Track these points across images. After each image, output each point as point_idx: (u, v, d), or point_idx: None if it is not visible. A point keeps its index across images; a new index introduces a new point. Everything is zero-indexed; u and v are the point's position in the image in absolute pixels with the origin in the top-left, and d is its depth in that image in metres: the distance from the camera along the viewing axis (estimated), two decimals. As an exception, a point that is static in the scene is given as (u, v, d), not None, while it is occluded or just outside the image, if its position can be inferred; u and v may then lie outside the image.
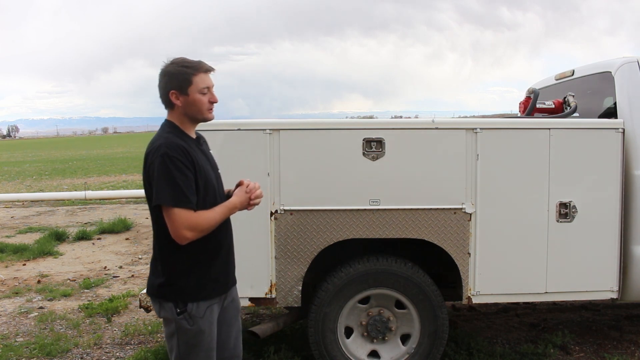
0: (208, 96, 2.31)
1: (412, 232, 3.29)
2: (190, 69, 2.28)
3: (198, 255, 2.30)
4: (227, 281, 2.45)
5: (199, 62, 2.31)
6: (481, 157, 3.27)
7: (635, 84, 3.51)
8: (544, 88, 4.57)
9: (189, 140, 2.32)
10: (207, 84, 2.30)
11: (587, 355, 3.92)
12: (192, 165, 2.22)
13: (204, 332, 2.30)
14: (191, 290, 2.30)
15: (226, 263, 2.43)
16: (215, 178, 2.40)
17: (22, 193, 14.74)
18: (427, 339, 3.36)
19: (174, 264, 2.30)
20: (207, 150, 2.47)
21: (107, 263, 6.96)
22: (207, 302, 2.32)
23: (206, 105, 2.31)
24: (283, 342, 3.88)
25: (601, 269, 3.41)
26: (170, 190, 2.16)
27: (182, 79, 2.26)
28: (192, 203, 2.19)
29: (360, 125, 3.32)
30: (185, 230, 2.17)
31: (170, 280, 2.30)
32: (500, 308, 4.96)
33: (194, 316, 2.28)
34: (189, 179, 2.19)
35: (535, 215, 3.33)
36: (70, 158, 34.11)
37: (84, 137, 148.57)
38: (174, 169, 2.17)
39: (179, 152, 2.19)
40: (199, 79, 2.28)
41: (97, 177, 19.68)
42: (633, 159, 3.38)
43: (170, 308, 2.29)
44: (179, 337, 2.31)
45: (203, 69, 2.30)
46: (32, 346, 4.23)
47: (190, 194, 2.18)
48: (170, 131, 2.30)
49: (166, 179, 2.16)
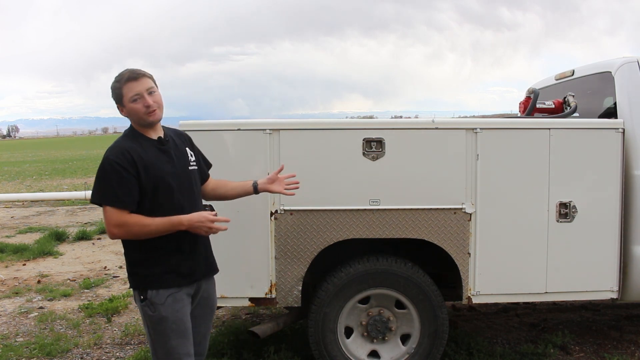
0: (141, 102, 2.36)
1: (412, 232, 3.29)
2: (118, 82, 2.38)
3: (156, 246, 2.37)
4: (193, 273, 2.48)
5: (126, 71, 2.39)
6: (481, 157, 3.27)
7: (635, 84, 3.51)
8: (544, 88, 4.57)
9: (145, 142, 2.41)
10: (135, 92, 2.35)
11: (587, 355, 3.92)
12: (133, 168, 2.30)
13: (166, 318, 2.38)
14: (151, 279, 2.39)
15: (191, 255, 2.47)
16: (180, 176, 2.44)
17: (22, 193, 14.73)
18: (427, 339, 3.36)
19: (135, 254, 2.42)
20: (180, 148, 2.52)
21: (107, 263, 6.96)
22: (168, 290, 2.39)
23: (142, 110, 2.37)
24: (283, 342, 3.88)
25: (601, 269, 3.41)
26: (103, 190, 2.31)
27: (117, 94, 2.39)
28: (123, 202, 2.29)
29: (360, 125, 3.32)
30: (113, 227, 2.30)
31: (134, 269, 2.44)
32: (500, 308, 4.96)
33: (154, 303, 2.37)
34: (124, 180, 2.28)
35: (535, 215, 3.33)
36: (70, 158, 34.11)
37: (84, 137, 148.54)
38: (110, 170, 2.29)
39: (120, 157, 2.30)
40: (126, 89, 2.36)
41: (97, 177, 19.66)
42: (633, 159, 3.38)
43: (136, 295, 2.43)
44: (147, 323, 2.43)
45: (126, 78, 2.36)
46: (32, 346, 4.23)
47: (122, 194, 2.28)
48: (125, 135, 2.45)
49: (100, 179, 2.32)
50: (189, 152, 2.58)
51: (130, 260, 2.45)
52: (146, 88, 2.37)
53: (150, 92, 2.38)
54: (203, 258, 2.55)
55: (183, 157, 2.52)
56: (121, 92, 2.37)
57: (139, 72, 2.39)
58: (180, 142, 2.56)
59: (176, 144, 2.53)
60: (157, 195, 2.37)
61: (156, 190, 2.36)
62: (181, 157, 2.51)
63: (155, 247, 2.38)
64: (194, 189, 2.53)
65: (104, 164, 2.32)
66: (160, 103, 2.43)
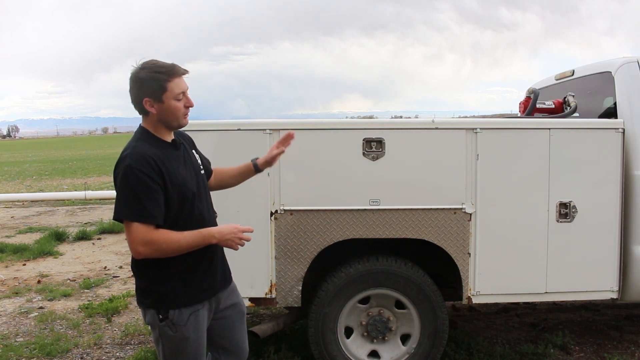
0: (183, 101, 2.16)
1: (412, 232, 3.29)
2: (163, 74, 2.10)
3: (176, 261, 2.16)
4: (213, 285, 2.32)
5: (172, 65, 2.14)
6: (481, 157, 3.27)
7: (635, 84, 3.51)
8: (544, 88, 4.57)
9: (163, 146, 2.19)
10: (182, 89, 2.14)
11: (587, 355, 3.92)
12: (159, 177, 2.08)
13: (188, 338, 2.22)
14: (172, 297, 2.19)
15: (210, 266, 2.30)
16: (196, 181, 2.28)
17: (22, 193, 14.73)
18: (427, 339, 3.36)
19: (153, 270, 2.18)
20: (189, 151, 2.35)
21: (107, 263, 6.96)
22: (190, 308, 2.22)
23: (182, 111, 2.17)
24: (283, 342, 3.88)
25: (601, 269, 3.41)
26: (128, 204, 2.04)
27: (159, 86, 2.10)
28: (153, 217, 2.05)
29: (360, 125, 3.32)
30: (140, 245, 2.05)
31: (150, 286, 2.21)
32: (500, 308, 4.96)
33: (176, 323, 2.19)
34: (152, 192, 2.05)
35: (535, 215, 3.33)
36: (70, 158, 34.11)
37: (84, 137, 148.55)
38: (136, 182, 2.03)
39: (144, 164, 2.05)
40: (174, 84, 2.11)
41: (97, 177, 19.67)
42: (633, 159, 3.38)
43: (152, 314, 2.21)
44: (164, 343, 2.24)
45: (178, 74, 2.14)
46: (32, 346, 4.22)
47: (152, 208, 2.04)
48: (140, 138, 2.17)
49: (126, 192, 2.05)
50: (196, 154, 2.41)
51: (147, 278, 2.21)
52: (187, 87, 2.17)
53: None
54: (220, 269, 2.38)
55: (194, 161, 2.34)
56: (165, 86, 2.10)
57: (185, 69, 2.16)
58: (187, 145, 2.38)
59: (185, 147, 2.33)
60: (182, 206, 2.15)
61: (182, 201, 2.15)
62: (192, 161, 2.33)
63: (177, 261, 2.15)
64: (208, 195, 2.36)
65: (126, 173, 2.04)
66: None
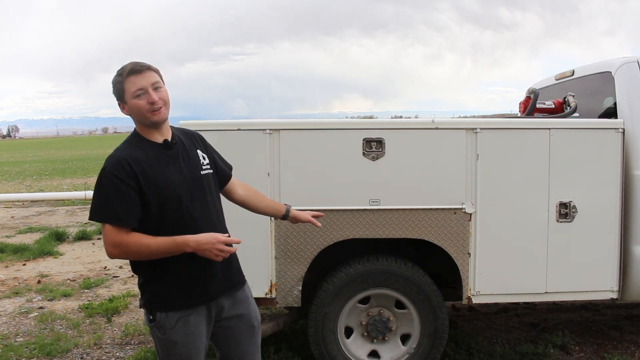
0: (145, 98, 2.09)
1: (412, 232, 3.29)
2: (120, 76, 2.11)
3: (167, 260, 2.12)
4: (209, 290, 2.23)
5: (129, 64, 2.12)
6: (481, 157, 3.27)
7: (635, 84, 3.51)
8: (544, 88, 4.57)
9: (150, 147, 2.16)
10: (138, 86, 2.09)
11: (587, 355, 3.92)
12: (133, 180, 2.07)
13: (176, 343, 2.18)
14: (160, 300, 2.18)
15: (206, 270, 2.20)
16: (190, 183, 2.20)
17: (22, 193, 14.73)
18: (427, 339, 3.36)
19: (143, 269, 2.20)
20: (190, 151, 2.27)
21: (107, 263, 6.96)
22: (179, 312, 2.17)
23: (146, 107, 2.10)
24: (283, 342, 3.88)
25: (601, 269, 3.41)
26: (100, 206, 2.08)
27: (118, 89, 2.13)
28: (122, 220, 2.06)
29: (360, 125, 3.32)
30: (110, 246, 2.08)
31: (144, 285, 2.22)
32: (500, 308, 4.96)
33: (163, 326, 2.17)
34: (123, 195, 2.05)
35: (535, 215, 3.33)
36: (70, 158, 34.10)
37: (84, 137, 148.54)
38: (107, 184, 2.06)
39: (118, 168, 2.06)
40: (129, 83, 2.09)
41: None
42: (633, 159, 3.38)
43: (146, 314, 2.23)
44: (156, 343, 2.26)
45: (128, 71, 2.10)
46: (32, 346, 4.23)
47: (121, 210, 2.05)
48: (127, 140, 2.20)
49: (99, 194, 2.09)
50: (201, 154, 2.31)
51: (141, 275, 2.23)
52: (151, 83, 2.10)
53: (155, 88, 2.11)
54: (221, 272, 2.26)
55: (194, 161, 2.25)
56: (123, 86, 2.10)
57: (143, 65, 2.11)
58: (190, 144, 2.29)
59: (185, 147, 2.25)
60: (164, 209, 2.12)
61: (163, 204, 2.11)
62: (191, 161, 2.24)
63: (167, 262, 2.12)
64: (207, 196, 2.25)
65: (100, 176, 2.09)
66: (167, 100, 2.15)
